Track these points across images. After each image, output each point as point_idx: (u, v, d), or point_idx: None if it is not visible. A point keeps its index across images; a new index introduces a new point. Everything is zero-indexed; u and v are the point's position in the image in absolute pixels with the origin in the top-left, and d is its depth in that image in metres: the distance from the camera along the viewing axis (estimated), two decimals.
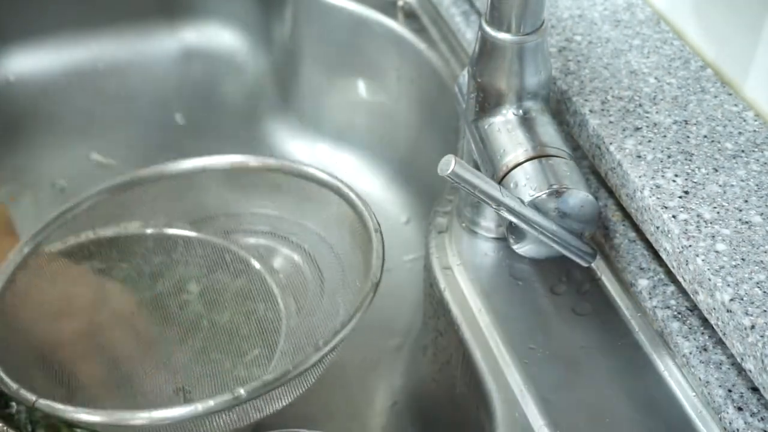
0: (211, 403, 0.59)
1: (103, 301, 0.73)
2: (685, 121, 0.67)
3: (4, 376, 0.62)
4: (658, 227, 0.60)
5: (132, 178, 0.77)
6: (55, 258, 0.74)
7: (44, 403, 0.60)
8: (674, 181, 0.62)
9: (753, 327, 0.53)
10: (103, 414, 0.60)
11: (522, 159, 0.62)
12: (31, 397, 0.60)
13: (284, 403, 0.66)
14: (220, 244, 0.78)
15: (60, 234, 0.74)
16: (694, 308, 0.61)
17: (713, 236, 0.58)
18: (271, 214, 0.77)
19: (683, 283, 0.59)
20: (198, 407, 0.59)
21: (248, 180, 0.77)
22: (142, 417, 0.59)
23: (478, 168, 0.66)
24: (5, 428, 0.68)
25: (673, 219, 0.59)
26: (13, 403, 0.68)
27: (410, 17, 1.00)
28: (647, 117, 0.67)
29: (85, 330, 0.71)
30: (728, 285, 0.55)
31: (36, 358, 0.69)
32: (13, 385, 0.61)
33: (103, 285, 0.75)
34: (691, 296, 0.58)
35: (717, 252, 0.57)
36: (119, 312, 0.73)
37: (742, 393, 0.56)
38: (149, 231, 0.78)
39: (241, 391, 0.60)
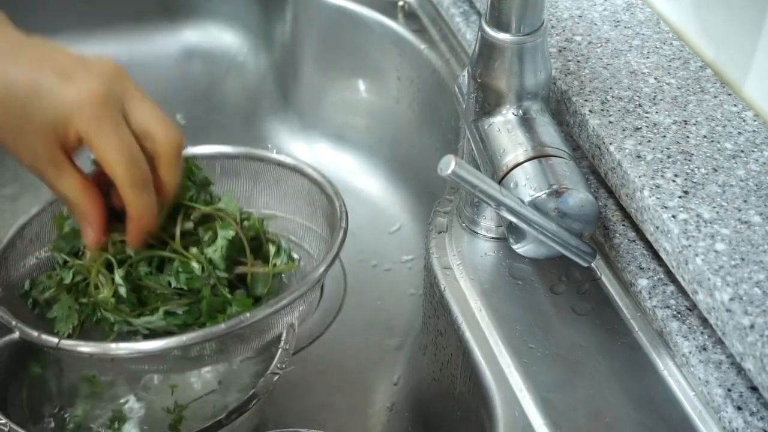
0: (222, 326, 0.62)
1: None
2: (685, 121, 0.67)
3: (24, 327, 0.63)
4: (657, 227, 0.61)
5: None
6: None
7: (66, 343, 0.62)
8: (674, 181, 0.62)
9: (752, 326, 0.53)
10: (133, 347, 0.62)
11: (522, 159, 0.62)
12: (53, 339, 0.62)
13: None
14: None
15: None
16: (693, 308, 0.61)
17: (713, 236, 0.58)
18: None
19: (683, 283, 0.59)
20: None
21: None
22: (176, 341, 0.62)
23: (478, 168, 0.66)
24: (7, 424, 0.68)
25: (672, 219, 0.59)
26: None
27: (410, 17, 1.00)
28: (647, 117, 0.67)
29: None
30: (727, 285, 0.55)
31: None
32: (34, 333, 0.62)
33: None
34: (691, 296, 0.59)
35: (716, 252, 0.57)
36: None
37: (741, 392, 0.56)
38: None
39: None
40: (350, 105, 1.08)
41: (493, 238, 0.72)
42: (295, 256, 0.74)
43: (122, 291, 0.64)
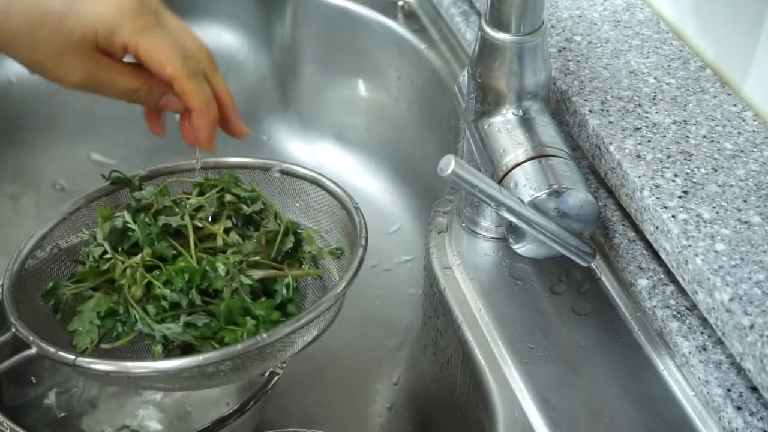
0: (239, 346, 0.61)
1: None
2: (685, 121, 0.67)
3: (41, 343, 0.62)
4: (657, 227, 0.61)
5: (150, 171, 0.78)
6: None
7: (83, 360, 0.61)
8: (674, 181, 0.62)
9: (752, 326, 0.53)
10: (150, 366, 0.61)
11: (522, 159, 0.63)
12: (70, 356, 0.61)
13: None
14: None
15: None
16: (693, 308, 0.61)
17: (712, 236, 0.58)
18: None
19: (682, 283, 0.59)
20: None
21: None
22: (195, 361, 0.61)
23: (478, 168, 0.66)
24: (6, 424, 0.68)
25: (672, 219, 0.59)
26: None
27: (410, 17, 1.00)
28: (647, 117, 0.67)
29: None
30: (727, 285, 0.55)
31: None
32: (51, 349, 0.62)
33: None
34: (691, 296, 0.59)
35: (716, 252, 0.57)
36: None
37: (741, 392, 0.56)
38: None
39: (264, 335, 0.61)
40: (350, 105, 1.09)
41: (493, 238, 0.72)
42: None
43: (167, 294, 0.64)
